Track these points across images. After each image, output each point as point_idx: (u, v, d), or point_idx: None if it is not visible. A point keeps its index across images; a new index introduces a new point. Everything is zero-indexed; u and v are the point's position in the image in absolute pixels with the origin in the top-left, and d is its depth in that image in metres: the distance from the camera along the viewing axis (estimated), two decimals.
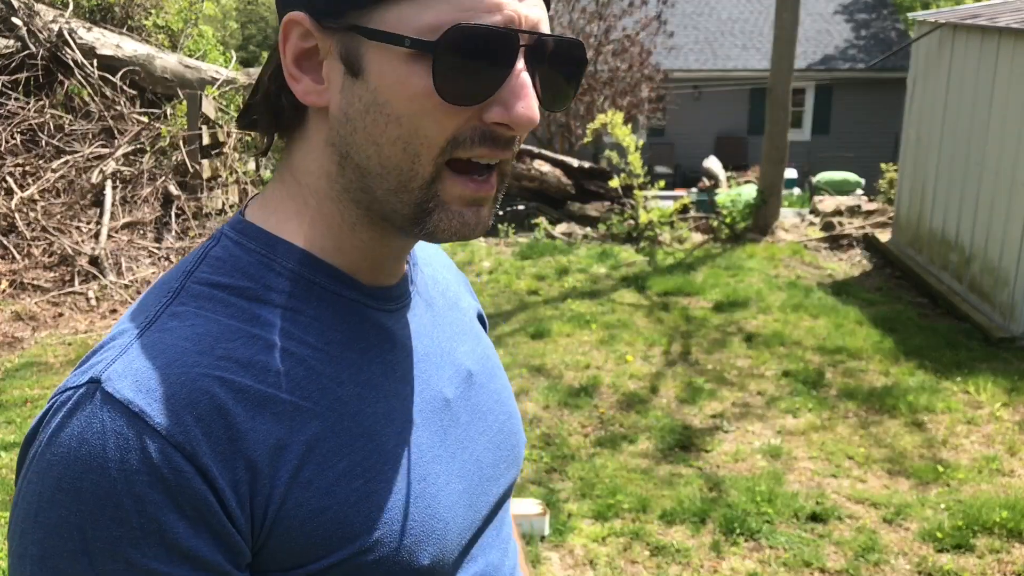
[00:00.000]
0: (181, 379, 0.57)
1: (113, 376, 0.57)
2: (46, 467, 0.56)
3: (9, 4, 7.54)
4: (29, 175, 7.09)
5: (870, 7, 18.15)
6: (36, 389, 4.74)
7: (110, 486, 0.54)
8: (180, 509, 0.55)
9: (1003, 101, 5.93)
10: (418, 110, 0.60)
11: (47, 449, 0.56)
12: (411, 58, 0.59)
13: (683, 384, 4.84)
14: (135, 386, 0.56)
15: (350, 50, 0.61)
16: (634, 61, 12.89)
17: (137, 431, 0.55)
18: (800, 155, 15.15)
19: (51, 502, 0.55)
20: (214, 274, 0.64)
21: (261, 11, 30.16)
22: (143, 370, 0.57)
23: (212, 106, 7.58)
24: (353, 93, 0.62)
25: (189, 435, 0.56)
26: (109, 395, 0.56)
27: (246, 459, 0.58)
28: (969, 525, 3.32)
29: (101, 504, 0.54)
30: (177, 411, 0.56)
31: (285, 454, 0.59)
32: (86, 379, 0.58)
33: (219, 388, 0.58)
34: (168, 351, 0.59)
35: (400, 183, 0.62)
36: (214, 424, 0.57)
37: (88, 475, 0.54)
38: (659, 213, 8.38)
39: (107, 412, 0.55)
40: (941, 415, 4.43)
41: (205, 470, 0.56)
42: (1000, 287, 5.87)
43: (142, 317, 0.62)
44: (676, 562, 3.13)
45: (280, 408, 0.60)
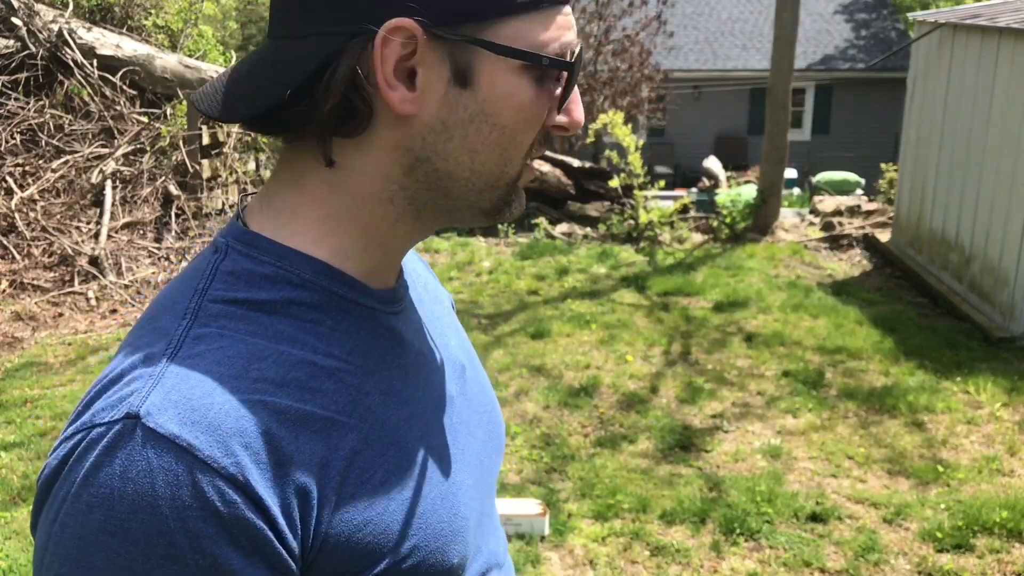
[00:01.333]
0: (224, 407, 0.56)
1: (153, 410, 0.55)
2: (85, 509, 0.54)
3: (9, 4, 7.54)
4: (29, 175, 7.09)
5: (870, 7, 18.15)
6: (36, 389, 4.74)
7: (162, 524, 0.53)
8: (235, 541, 0.54)
9: (1003, 101, 5.93)
10: (522, 119, 0.64)
11: (83, 491, 0.54)
12: (521, 71, 0.63)
13: (683, 384, 4.84)
14: (179, 419, 0.55)
15: (462, 61, 0.62)
16: (634, 61, 12.89)
17: (187, 466, 0.53)
18: (800, 155, 15.15)
19: (96, 545, 0.53)
20: (229, 290, 0.62)
21: (261, 11, 30.14)
22: (183, 401, 0.55)
23: None
24: (458, 103, 0.63)
25: (240, 465, 0.55)
26: (152, 431, 0.54)
27: (295, 482, 0.57)
28: (969, 525, 3.32)
29: (153, 543, 0.53)
30: (225, 441, 0.55)
31: (328, 472, 0.59)
32: (121, 414, 0.55)
33: (262, 412, 0.57)
34: (204, 379, 0.57)
35: (487, 184, 0.66)
36: (261, 451, 0.56)
37: (137, 515, 0.53)
38: (659, 213, 8.38)
39: (151, 449, 0.54)
40: (941, 415, 4.43)
41: (258, 499, 0.55)
42: (1000, 287, 5.87)
43: (163, 343, 0.59)
44: (676, 562, 3.13)
45: (318, 425, 0.60)
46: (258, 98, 0.63)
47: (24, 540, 3.26)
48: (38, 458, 3.92)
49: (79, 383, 4.83)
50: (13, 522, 3.38)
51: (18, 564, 3.08)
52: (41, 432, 4.19)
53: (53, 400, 4.57)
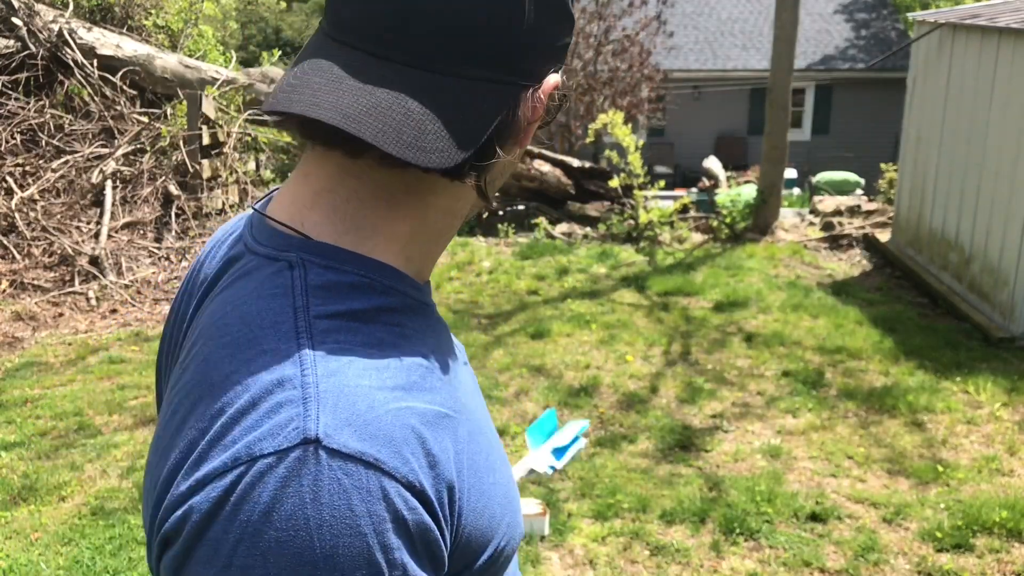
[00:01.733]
0: (387, 418, 0.56)
1: (330, 431, 0.54)
2: (275, 546, 0.51)
3: (9, 4, 7.54)
4: (29, 175, 7.09)
5: (870, 7, 18.15)
6: (36, 389, 4.74)
7: (364, 544, 0.52)
8: (414, 547, 0.55)
9: (1003, 101, 5.93)
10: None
11: (266, 527, 0.51)
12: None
13: (683, 384, 4.84)
14: (358, 436, 0.54)
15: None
16: (634, 61, 12.89)
17: (377, 480, 0.54)
18: (800, 155, 15.15)
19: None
20: (327, 304, 0.62)
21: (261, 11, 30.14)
22: (354, 418, 0.55)
23: (212, 106, 7.58)
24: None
25: (415, 472, 0.56)
26: (336, 451, 0.53)
27: (445, 480, 0.59)
28: (969, 525, 3.33)
29: (357, 564, 0.52)
30: (400, 451, 0.56)
31: (458, 465, 0.61)
32: (294, 440, 0.53)
33: (410, 417, 0.58)
34: (356, 394, 0.57)
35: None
36: (422, 455, 0.57)
37: (341, 539, 0.52)
38: (659, 213, 8.38)
39: (340, 469, 0.53)
40: (941, 415, 4.44)
41: (430, 502, 0.57)
42: (1000, 287, 5.87)
43: (292, 364, 0.57)
44: (676, 562, 3.13)
45: (444, 422, 0.61)
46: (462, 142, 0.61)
47: (24, 540, 3.26)
48: (38, 458, 3.92)
49: (79, 383, 4.83)
50: (13, 522, 3.38)
51: (18, 564, 3.08)
52: (41, 432, 4.19)
53: (53, 400, 4.57)
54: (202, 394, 0.59)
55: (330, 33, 0.65)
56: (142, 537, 3.25)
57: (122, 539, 3.23)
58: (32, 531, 3.32)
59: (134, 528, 3.31)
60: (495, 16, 0.61)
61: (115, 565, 3.07)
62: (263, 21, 32.41)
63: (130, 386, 4.77)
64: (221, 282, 0.69)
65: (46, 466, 3.84)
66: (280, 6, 19.42)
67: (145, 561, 3.09)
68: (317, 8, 34.88)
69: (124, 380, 4.87)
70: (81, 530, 3.30)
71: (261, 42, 31.17)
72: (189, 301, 0.74)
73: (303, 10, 34.19)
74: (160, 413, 0.69)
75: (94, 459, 3.91)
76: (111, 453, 3.96)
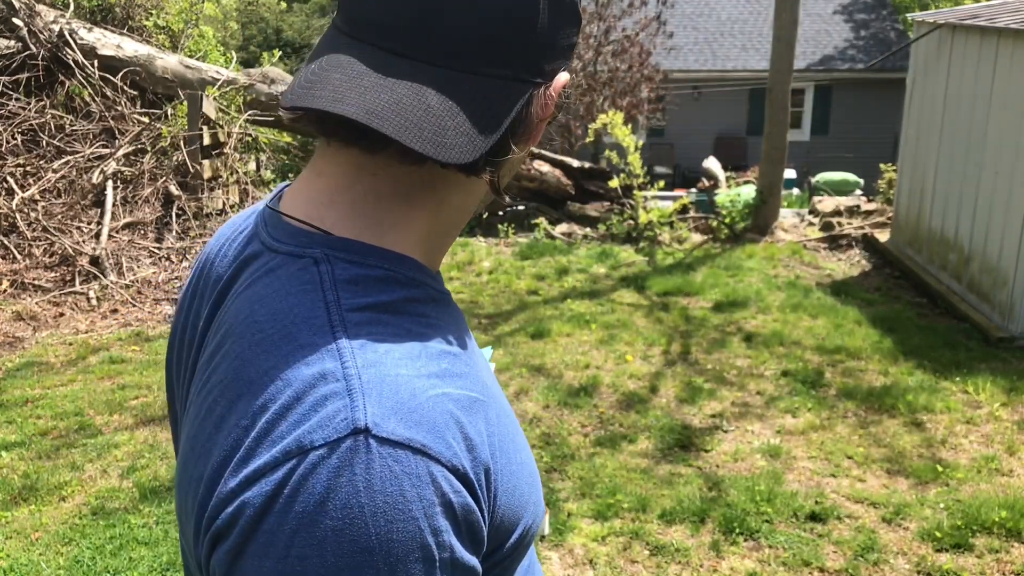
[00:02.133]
0: (428, 404, 0.58)
1: (378, 420, 0.55)
2: (332, 535, 0.52)
3: (10, 4, 7.55)
4: (30, 175, 7.10)
5: (869, 7, 18.16)
6: (37, 389, 4.74)
7: (416, 527, 0.54)
8: (459, 528, 0.57)
9: (1002, 101, 5.94)
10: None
11: (321, 516, 0.52)
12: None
13: (683, 384, 4.85)
14: (404, 423, 0.56)
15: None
16: (634, 61, 12.89)
17: (425, 465, 0.55)
18: (799, 155, 15.16)
19: (357, 567, 0.52)
20: (356, 297, 0.63)
21: (261, 12, 30.14)
22: (399, 406, 0.56)
23: (213, 106, 7.58)
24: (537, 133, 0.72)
25: (459, 456, 0.58)
26: (385, 439, 0.54)
27: (483, 463, 0.61)
28: (968, 525, 3.33)
29: (410, 548, 0.54)
30: (443, 436, 0.57)
31: (492, 448, 0.63)
32: (344, 431, 0.54)
33: (448, 403, 0.59)
34: (398, 383, 0.58)
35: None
36: (461, 439, 0.59)
37: (395, 524, 0.53)
38: (659, 213, 8.38)
39: (390, 456, 0.54)
40: (940, 415, 4.44)
41: (471, 484, 0.58)
42: (999, 287, 5.88)
43: (331, 357, 0.58)
44: (676, 561, 3.14)
45: (476, 406, 0.63)
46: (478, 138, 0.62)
47: (24, 540, 3.26)
48: (39, 458, 3.93)
49: (80, 383, 4.84)
50: (14, 522, 3.39)
51: (18, 564, 3.09)
52: (42, 432, 4.19)
53: (54, 400, 4.57)
54: (241, 391, 0.60)
55: (346, 30, 0.65)
56: (143, 537, 3.25)
57: (122, 539, 3.23)
58: (32, 531, 3.32)
59: (134, 528, 3.32)
60: (513, 16, 0.63)
61: (115, 565, 3.07)
62: (263, 21, 32.40)
63: (131, 386, 4.78)
64: (240, 281, 0.69)
65: (46, 466, 3.85)
66: (280, 6, 19.43)
67: (145, 561, 3.09)
68: (317, 8, 34.88)
69: (125, 380, 4.87)
70: (81, 530, 3.30)
71: (261, 42, 31.15)
72: (201, 301, 0.74)
73: (303, 10, 34.19)
74: (187, 413, 0.69)
75: (94, 459, 3.91)
76: (111, 453, 3.97)
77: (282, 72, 9.21)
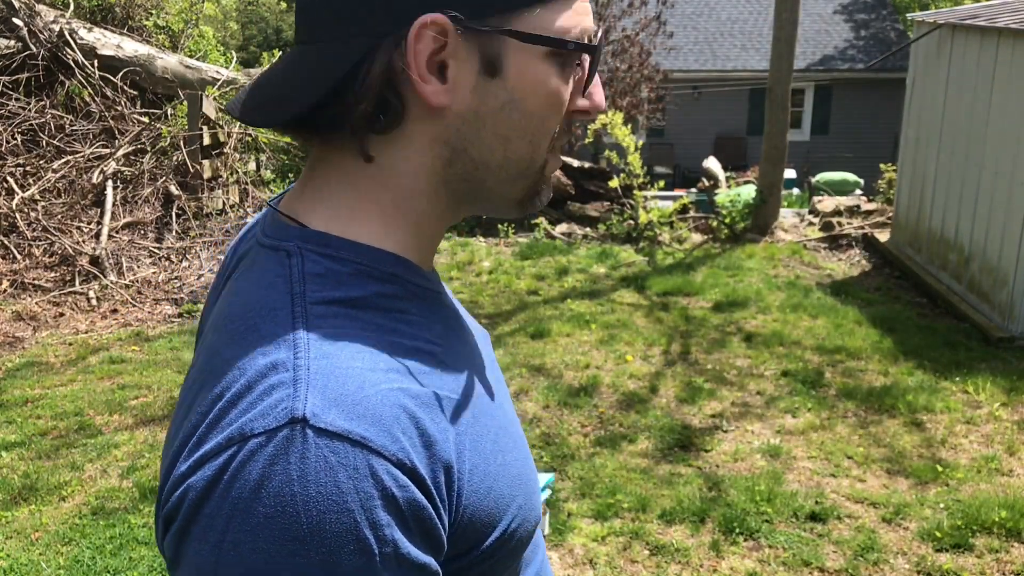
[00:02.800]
0: (377, 398, 0.57)
1: (317, 410, 0.55)
2: (265, 522, 0.52)
3: (10, 4, 7.55)
4: (30, 175, 7.10)
5: (869, 7, 18.16)
6: (37, 389, 4.75)
7: (351, 520, 0.53)
8: (405, 524, 0.56)
9: (1002, 101, 5.94)
10: (548, 105, 0.67)
11: (256, 504, 0.53)
12: (548, 58, 0.65)
13: (682, 384, 4.85)
14: (345, 415, 0.55)
15: (491, 51, 0.64)
16: (634, 61, 12.90)
17: (364, 458, 0.54)
18: (799, 155, 15.16)
19: (289, 554, 0.52)
20: (323, 291, 0.63)
21: (261, 12, 30.16)
22: (342, 398, 0.56)
23: (212, 106, 7.58)
24: (488, 92, 0.65)
25: (405, 451, 0.57)
26: (323, 430, 0.54)
27: (442, 461, 0.60)
28: (968, 525, 3.33)
29: (344, 540, 0.53)
30: (389, 430, 0.56)
31: (459, 447, 0.62)
32: (283, 420, 0.54)
33: (404, 399, 0.59)
34: (347, 375, 0.58)
35: (519, 172, 0.69)
36: (415, 435, 0.58)
37: (328, 515, 0.53)
38: (659, 213, 8.39)
39: (327, 447, 0.54)
40: (940, 415, 4.44)
41: (422, 481, 0.57)
42: (999, 287, 5.88)
43: (286, 348, 0.59)
44: (676, 561, 3.14)
45: (442, 404, 0.63)
46: (293, 101, 0.65)
47: (24, 540, 3.26)
48: (39, 458, 3.93)
49: (80, 383, 4.84)
50: (14, 522, 3.39)
51: (18, 564, 3.09)
52: (42, 432, 4.19)
53: (54, 400, 4.58)
54: (205, 380, 0.61)
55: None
56: (143, 537, 3.25)
57: (122, 539, 3.23)
58: (32, 531, 3.32)
59: (134, 528, 3.32)
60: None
61: (115, 565, 3.07)
62: (263, 21, 32.42)
63: (130, 386, 4.78)
64: (234, 275, 0.72)
65: (46, 466, 3.85)
66: (280, 6, 19.41)
67: (145, 561, 3.09)
68: None
69: (124, 380, 4.87)
70: (81, 530, 3.30)
71: (261, 42, 31.15)
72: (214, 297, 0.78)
73: None
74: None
75: (94, 459, 3.91)
76: (111, 453, 3.97)
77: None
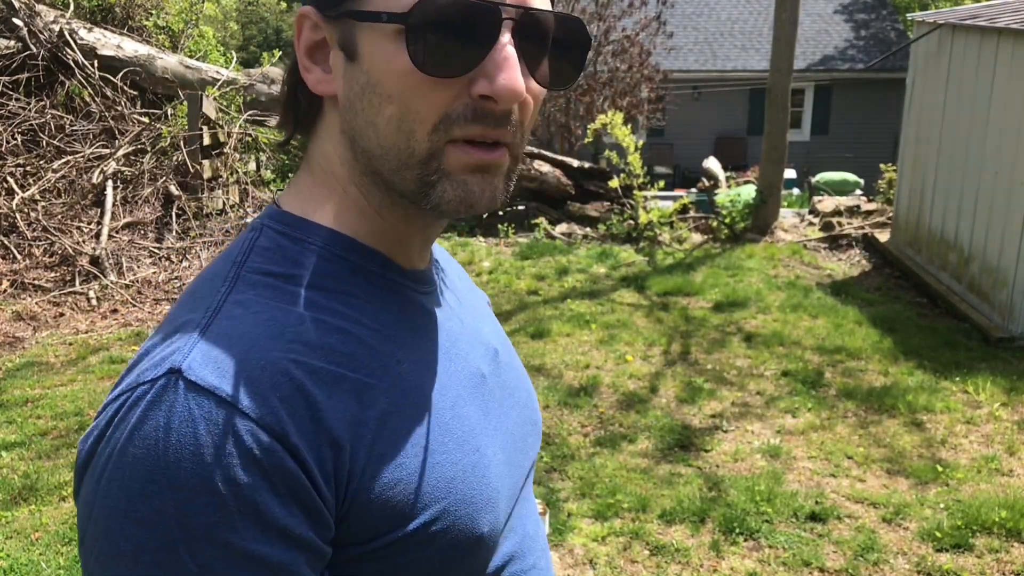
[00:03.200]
0: (260, 363, 0.58)
1: (194, 365, 0.57)
2: (132, 462, 0.55)
3: (10, 5, 7.55)
4: (30, 175, 7.10)
5: (869, 7, 18.16)
6: (37, 389, 4.74)
7: (205, 472, 0.54)
8: (274, 488, 0.56)
9: (1002, 101, 5.94)
10: (406, 87, 0.61)
11: (129, 445, 0.55)
12: (396, 35, 0.61)
13: (682, 384, 4.85)
14: (218, 373, 0.57)
15: (346, 35, 0.64)
16: (634, 62, 12.90)
17: (227, 415, 0.55)
18: (799, 155, 15.16)
19: (144, 495, 0.54)
20: (266, 263, 0.65)
21: (261, 12, 30.16)
22: (222, 357, 0.58)
23: (213, 106, 7.58)
24: (352, 77, 0.64)
25: (276, 416, 0.57)
26: (193, 383, 0.56)
27: (329, 436, 0.59)
28: (968, 525, 3.33)
29: (197, 491, 0.54)
30: (263, 393, 0.57)
31: (360, 430, 0.61)
32: (163, 371, 0.57)
33: (296, 370, 0.59)
34: (242, 338, 0.59)
35: (400, 162, 0.64)
36: (297, 404, 0.58)
37: (182, 463, 0.54)
38: (659, 213, 8.39)
39: (193, 400, 0.55)
40: (940, 415, 4.44)
41: (294, 449, 0.57)
42: (999, 287, 5.88)
43: (203, 307, 0.62)
44: (676, 561, 3.14)
45: (350, 386, 0.62)
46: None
47: (24, 540, 3.26)
48: (39, 458, 3.93)
49: (80, 383, 4.84)
50: (14, 522, 3.39)
51: (18, 564, 3.09)
52: (42, 432, 4.19)
53: (54, 400, 4.58)
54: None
55: None
56: None
57: None
58: (32, 531, 3.32)
59: None
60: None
61: None
62: (263, 22, 32.42)
63: None
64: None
65: (46, 466, 3.85)
66: (280, 6, 19.42)
67: None
68: None
69: None
70: None
71: (261, 43, 31.15)
72: None
73: None
74: None
75: None
76: None
77: (282, 72, 9.20)
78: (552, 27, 0.64)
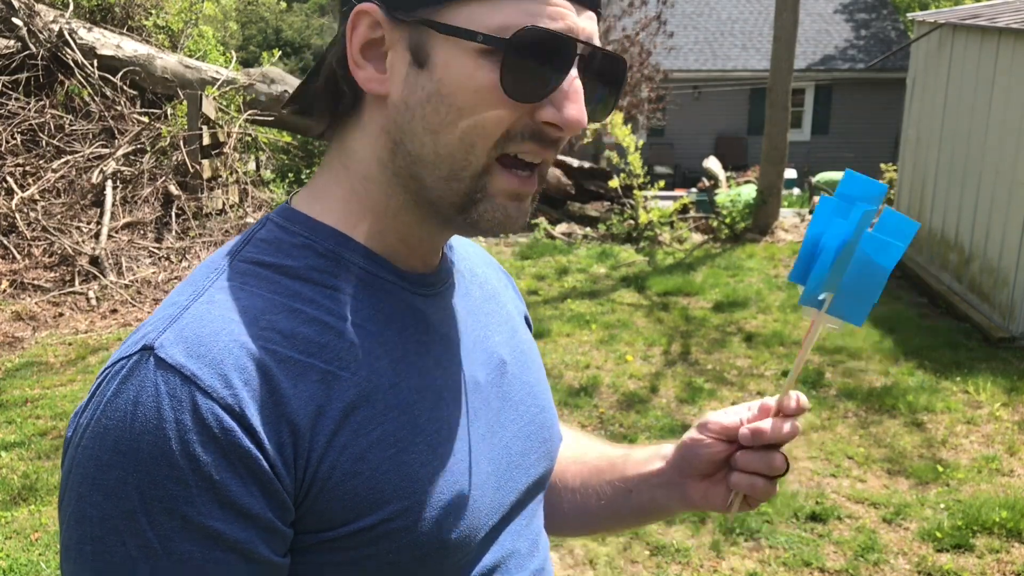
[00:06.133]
0: (229, 346, 0.61)
1: (165, 343, 0.60)
2: (102, 431, 0.58)
3: (9, 4, 7.54)
4: (29, 175, 7.10)
5: (870, 7, 18.17)
6: (36, 389, 4.74)
7: (166, 446, 0.57)
8: (233, 467, 0.58)
9: (1002, 101, 5.93)
10: (480, 103, 0.63)
11: (102, 415, 0.59)
12: (480, 54, 0.63)
13: (683, 384, 4.85)
14: (186, 352, 0.59)
15: (419, 42, 0.64)
16: (634, 61, 12.90)
17: (189, 393, 0.58)
18: (799, 155, 15.16)
19: (109, 465, 0.57)
20: (259, 254, 0.68)
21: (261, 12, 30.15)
22: (193, 338, 0.60)
23: (212, 106, 7.58)
24: (416, 82, 0.65)
25: (238, 397, 0.59)
26: (162, 360, 0.59)
27: (289, 422, 0.61)
28: (968, 525, 3.33)
29: (158, 464, 0.57)
30: (226, 375, 0.59)
31: (323, 419, 0.62)
32: (138, 348, 0.60)
33: (264, 356, 0.61)
34: (215, 321, 0.62)
35: (452, 172, 0.66)
36: (260, 388, 0.60)
37: (144, 436, 0.57)
38: (659, 213, 8.38)
39: (160, 376, 0.58)
40: (940, 415, 4.44)
41: (253, 430, 0.59)
42: (999, 287, 5.88)
43: (190, 291, 0.65)
44: (676, 562, 3.13)
45: (318, 376, 0.63)
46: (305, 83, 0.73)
47: (24, 540, 3.26)
48: (38, 458, 3.92)
49: (79, 383, 4.83)
50: (13, 522, 3.39)
51: (18, 564, 3.08)
52: (41, 432, 4.19)
53: (53, 400, 4.57)
54: None
55: None
56: None
57: None
58: (32, 531, 3.32)
59: None
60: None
61: None
62: (263, 21, 32.42)
63: None
64: None
65: (46, 466, 3.84)
66: (280, 6, 19.43)
67: None
68: (317, 8, 34.85)
69: None
70: None
71: (261, 42, 31.15)
72: None
73: (303, 10, 34.17)
74: None
75: None
76: None
77: (282, 72, 9.20)
78: (606, 66, 0.67)
